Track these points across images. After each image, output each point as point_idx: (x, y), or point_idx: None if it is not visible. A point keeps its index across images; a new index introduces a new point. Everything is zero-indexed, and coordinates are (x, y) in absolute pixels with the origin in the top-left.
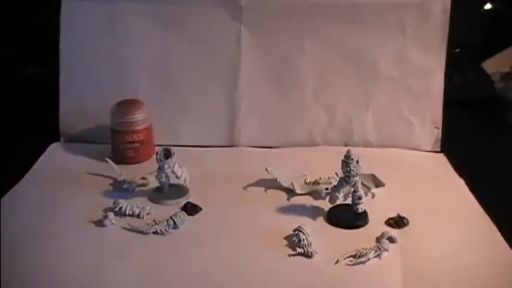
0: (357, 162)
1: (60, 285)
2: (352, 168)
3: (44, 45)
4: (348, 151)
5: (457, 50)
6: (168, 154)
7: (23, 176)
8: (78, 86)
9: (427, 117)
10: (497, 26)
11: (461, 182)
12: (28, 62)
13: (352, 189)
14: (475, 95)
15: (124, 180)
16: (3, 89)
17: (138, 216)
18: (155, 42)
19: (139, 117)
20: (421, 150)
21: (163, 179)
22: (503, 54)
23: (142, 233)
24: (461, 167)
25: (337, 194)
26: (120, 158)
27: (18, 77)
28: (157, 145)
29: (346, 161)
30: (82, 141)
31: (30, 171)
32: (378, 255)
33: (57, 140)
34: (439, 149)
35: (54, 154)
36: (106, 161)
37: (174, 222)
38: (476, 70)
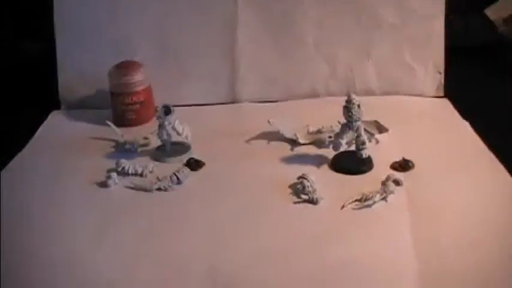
0: (359, 106)
1: (66, 247)
2: (353, 112)
3: (39, 19)
4: (349, 96)
5: None
6: (168, 111)
7: (25, 145)
8: (75, 53)
9: (429, 63)
10: None
11: (466, 125)
12: (24, 36)
13: (356, 134)
14: (478, 41)
15: (126, 141)
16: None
17: (141, 175)
18: (152, 4)
19: (138, 78)
20: (425, 96)
21: (165, 137)
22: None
23: (146, 190)
24: (465, 111)
25: (340, 140)
26: (121, 121)
27: (15, 51)
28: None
29: (348, 106)
30: (82, 107)
31: (32, 140)
32: (384, 198)
33: (58, 108)
34: (442, 94)
35: (55, 122)
36: (107, 125)
37: (178, 177)
38: (479, 16)
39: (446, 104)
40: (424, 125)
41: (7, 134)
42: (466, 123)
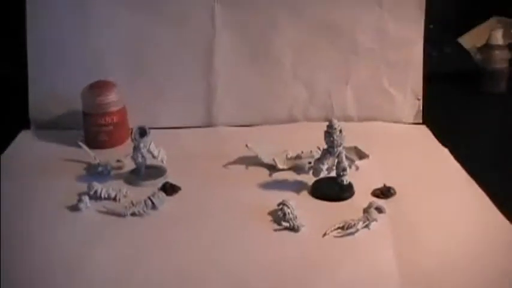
0: (340, 131)
1: (35, 273)
2: (335, 138)
3: (14, 44)
4: (331, 121)
5: (431, 26)
6: (143, 132)
7: None
8: (47, 71)
9: (407, 89)
10: (470, 2)
11: (445, 151)
12: None
13: (337, 160)
14: (454, 69)
15: (99, 163)
16: None
17: (114, 199)
18: (127, 24)
19: (112, 98)
20: (403, 123)
21: (140, 159)
22: (479, 28)
23: (119, 215)
24: (443, 137)
25: (321, 165)
26: (94, 143)
27: None
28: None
29: (329, 131)
30: (54, 127)
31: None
32: (367, 226)
33: (28, 128)
34: (420, 121)
35: (24, 142)
36: (79, 146)
37: (153, 202)
38: (453, 45)
39: (424, 130)
40: (404, 152)
41: None
42: (445, 150)
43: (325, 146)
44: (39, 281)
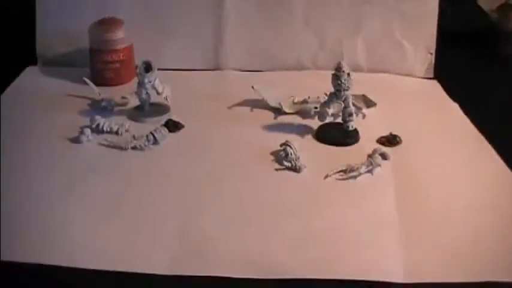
0: (349, 75)
1: (35, 203)
2: (343, 81)
3: None
4: (339, 63)
5: None
6: (148, 67)
7: None
8: (56, 7)
9: (420, 42)
10: None
11: (455, 106)
12: None
13: (343, 104)
14: (469, 27)
15: (102, 99)
16: None
17: (116, 132)
18: None
19: (120, 35)
20: (414, 76)
21: (144, 96)
22: None
23: (120, 148)
24: (454, 94)
25: (326, 109)
26: (100, 79)
27: None
28: None
29: (337, 74)
30: (60, 65)
31: (3, 94)
32: (370, 171)
33: (35, 64)
34: (432, 76)
35: (30, 77)
36: (84, 83)
37: (154, 137)
38: (470, 3)
39: (435, 85)
40: (413, 104)
41: None
42: (455, 105)
43: (333, 90)
44: (36, 207)
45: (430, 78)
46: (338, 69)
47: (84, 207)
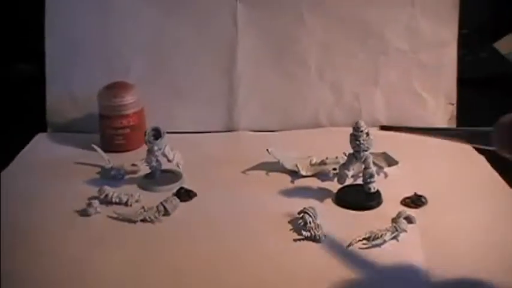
0: (367, 134)
1: (40, 276)
2: (362, 141)
3: (34, 40)
4: (357, 123)
5: (465, 30)
6: (157, 134)
7: (5, 168)
8: (65, 73)
9: (440, 93)
10: (506, 6)
11: (481, 159)
12: (18, 58)
13: (363, 165)
14: (489, 74)
15: (112, 167)
16: None
17: (125, 203)
18: (147, 22)
19: (129, 100)
20: None
21: (154, 163)
22: None
23: (129, 221)
24: None
25: (346, 171)
26: (109, 146)
27: (7, 73)
28: None
29: (355, 134)
30: (70, 131)
31: (13, 162)
32: (395, 237)
33: (45, 131)
34: (454, 126)
35: (40, 144)
36: (94, 150)
37: (165, 208)
38: (489, 49)
39: None
40: (437, 159)
41: None
42: (482, 157)
43: (351, 151)
44: (43, 282)
45: None
46: (356, 129)
47: (91, 284)
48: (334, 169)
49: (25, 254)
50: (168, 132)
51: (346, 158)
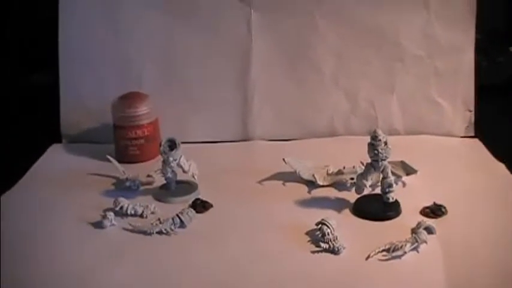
0: (385, 144)
1: None
2: (380, 150)
3: (49, 51)
4: (375, 131)
5: (479, 36)
6: (173, 145)
7: (21, 179)
8: (79, 84)
9: (457, 100)
10: None
11: (501, 167)
12: (33, 69)
13: (381, 175)
14: (506, 79)
15: (127, 178)
16: (7, 96)
17: (141, 215)
18: (159, 31)
19: (144, 110)
20: (453, 136)
21: (169, 174)
22: None
23: (145, 233)
24: (498, 152)
25: (364, 181)
26: (124, 157)
27: (23, 84)
28: None
29: (373, 143)
30: (85, 141)
31: (28, 173)
32: (415, 248)
33: (59, 141)
34: (472, 134)
35: (54, 155)
36: (108, 160)
37: (181, 220)
38: (505, 54)
39: (477, 144)
40: (456, 167)
41: (4, 166)
42: (502, 165)
43: (369, 160)
44: None
45: (470, 137)
46: (374, 138)
47: None
48: (352, 179)
49: (39, 265)
50: (182, 142)
51: (363, 167)
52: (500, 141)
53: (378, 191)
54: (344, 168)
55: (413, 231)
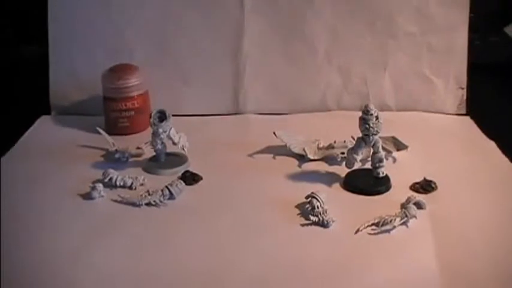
0: (377, 118)
1: (41, 260)
2: (371, 125)
3: (39, 22)
4: (367, 106)
5: (472, 15)
6: (163, 117)
7: (8, 151)
8: (69, 56)
9: (450, 77)
10: None
11: (491, 144)
12: (23, 40)
13: (372, 150)
14: (499, 58)
15: (116, 150)
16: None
17: (130, 187)
18: (151, 4)
19: (134, 82)
20: (445, 113)
21: (159, 146)
22: None
23: (134, 205)
24: (489, 130)
25: (354, 155)
26: (114, 129)
27: (12, 55)
28: None
29: (365, 117)
30: (74, 113)
31: (16, 145)
32: (405, 223)
33: (49, 113)
34: (464, 112)
35: (43, 127)
36: (98, 132)
37: (170, 192)
38: (499, 34)
39: (469, 122)
40: (447, 144)
41: None
42: (492, 143)
43: (360, 135)
44: (45, 268)
45: (462, 115)
46: (366, 112)
47: (94, 270)
48: (342, 153)
49: (27, 237)
50: (173, 115)
51: (354, 142)
52: (491, 119)
53: (368, 165)
54: (335, 142)
55: (403, 206)
